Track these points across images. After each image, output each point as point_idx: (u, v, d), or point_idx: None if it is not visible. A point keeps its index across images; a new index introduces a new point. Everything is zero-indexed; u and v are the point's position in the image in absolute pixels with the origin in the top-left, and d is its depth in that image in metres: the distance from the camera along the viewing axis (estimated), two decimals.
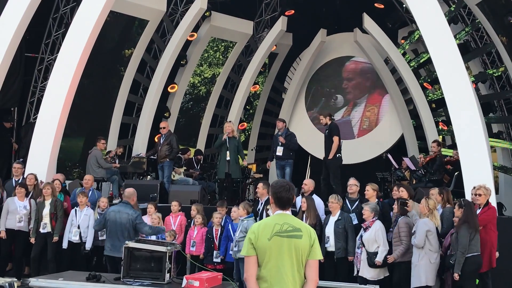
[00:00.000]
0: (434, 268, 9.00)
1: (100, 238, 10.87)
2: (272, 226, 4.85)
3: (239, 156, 13.65)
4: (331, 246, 9.89)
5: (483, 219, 9.08)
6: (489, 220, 9.19)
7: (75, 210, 11.06)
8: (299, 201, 10.71)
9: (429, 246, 8.92)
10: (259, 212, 10.62)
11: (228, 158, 13.24)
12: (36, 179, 11.92)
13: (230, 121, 14.22)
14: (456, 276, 8.53)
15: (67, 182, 14.15)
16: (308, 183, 11.13)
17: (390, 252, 9.45)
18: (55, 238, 10.90)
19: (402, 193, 10.16)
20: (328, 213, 10.33)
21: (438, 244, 9.05)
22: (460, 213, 8.82)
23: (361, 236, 9.57)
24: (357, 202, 10.50)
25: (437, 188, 10.51)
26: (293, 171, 13.49)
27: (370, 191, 10.44)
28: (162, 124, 15.05)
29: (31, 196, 11.54)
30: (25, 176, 12.16)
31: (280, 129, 13.49)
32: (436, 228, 9.10)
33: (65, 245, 10.92)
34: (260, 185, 10.93)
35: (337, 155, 12.96)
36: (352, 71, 22.77)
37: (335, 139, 12.89)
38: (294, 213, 10.78)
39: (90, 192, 12.06)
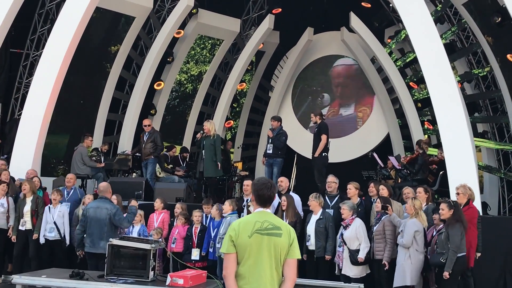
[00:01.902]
0: (419, 268, 9.03)
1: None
2: (253, 224, 4.86)
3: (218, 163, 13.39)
4: (311, 244, 9.92)
5: None
6: (469, 220, 9.23)
7: (49, 207, 11.01)
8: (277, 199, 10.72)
9: (416, 246, 8.94)
10: (245, 208, 10.63)
11: (203, 156, 13.27)
12: (9, 175, 11.85)
13: (209, 120, 14.13)
14: (446, 274, 8.52)
15: (52, 179, 14.07)
16: (284, 181, 11.17)
17: (370, 248, 9.52)
18: (35, 235, 10.85)
19: (383, 191, 10.22)
20: (309, 211, 10.34)
21: (423, 244, 9.08)
22: (450, 214, 8.83)
23: (342, 234, 9.60)
24: (336, 198, 10.57)
25: (422, 186, 10.56)
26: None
27: (352, 189, 10.50)
28: (146, 122, 15.01)
29: (9, 194, 11.47)
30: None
31: (274, 128, 13.44)
32: (424, 229, 9.14)
33: (42, 240, 10.87)
34: (250, 182, 10.90)
35: (323, 154, 12.98)
36: (342, 73, 22.74)
37: (323, 137, 12.92)
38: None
39: (72, 190, 11.99)
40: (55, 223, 10.84)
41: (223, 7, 20.32)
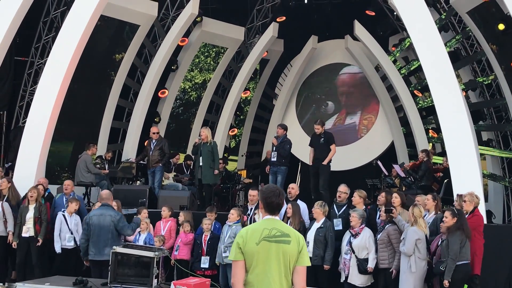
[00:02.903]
0: (422, 276, 8.99)
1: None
2: (261, 231, 4.82)
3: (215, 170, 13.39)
4: (309, 252, 9.88)
5: (469, 226, 9.09)
6: (474, 228, 9.19)
7: (64, 215, 10.98)
8: (284, 206, 10.70)
9: (418, 254, 8.90)
10: (249, 217, 10.62)
11: (200, 163, 13.21)
12: (10, 181, 11.79)
13: (206, 127, 14.13)
14: (446, 283, 8.52)
15: (56, 186, 14.07)
16: (295, 187, 11.15)
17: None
18: (40, 242, 10.82)
19: (396, 199, 10.15)
20: (312, 218, 10.32)
21: (426, 252, 9.05)
22: (453, 222, 8.80)
23: (350, 243, 9.56)
24: (344, 208, 10.52)
25: (430, 194, 10.49)
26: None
27: (357, 197, 10.48)
28: (154, 129, 14.98)
29: (6, 200, 11.44)
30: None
31: (278, 136, 13.45)
32: (426, 236, 9.10)
33: (58, 249, 10.81)
34: (256, 192, 10.87)
35: (329, 163, 13.03)
36: (348, 81, 22.73)
37: (333, 147, 13.02)
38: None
39: (70, 197, 11.94)
40: (71, 232, 10.85)
41: (228, 16, 20.36)
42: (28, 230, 10.91)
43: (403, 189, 13.94)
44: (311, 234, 9.97)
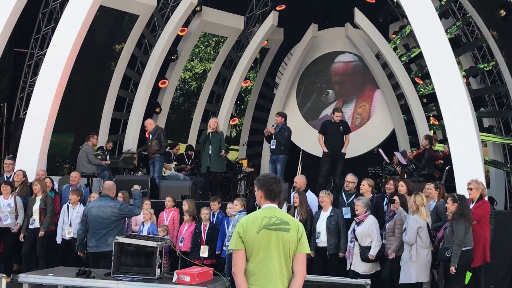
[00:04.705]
0: (426, 265, 8.99)
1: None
2: (261, 219, 4.83)
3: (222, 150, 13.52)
4: (322, 242, 9.88)
5: (478, 214, 9.09)
6: (483, 215, 9.20)
7: (68, 206, 10.97)
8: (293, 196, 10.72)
9: (420, 242, 8.92)
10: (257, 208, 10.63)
11: (210, 152, 13.23)
12: (25, 175, 11.81)
13: (215, 116, 14.19)
14: (452, 269, 8.51)
15: (58, 177, 14.07)
16: (299, 181, 11.11)
17: (382, 246, 9.48)
18: (41, 233, 10.82)
19: (402, 188, 10.16)
20: (320, 208, 10.33)
21: (429, 240, 9.05)
22: (454, 208, 8.80)
23: (354, 230, 9.57)
24: (353, 196, 10.53)
25: (432, 183, 10.50)
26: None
27: (366, 186, 10.52)
28: (146, 122, 15.04)
29: (18, 193, 11.45)
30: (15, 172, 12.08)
31: (277, 124, 13.44)
32: (427, 224, 9.10)
33: (59, 240, 10.84)
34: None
35: None
36: (341, 70, 22.66)
37: (348, 136, 13.43)
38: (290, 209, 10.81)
39: (72, 189, 11.95)
40: (70, 224, 10.84)
41: (227, 4, 20.29)
42: (33, 222, 10.94)
43: (405, 177, 13.94)
44: (321, 224, 9.95)
